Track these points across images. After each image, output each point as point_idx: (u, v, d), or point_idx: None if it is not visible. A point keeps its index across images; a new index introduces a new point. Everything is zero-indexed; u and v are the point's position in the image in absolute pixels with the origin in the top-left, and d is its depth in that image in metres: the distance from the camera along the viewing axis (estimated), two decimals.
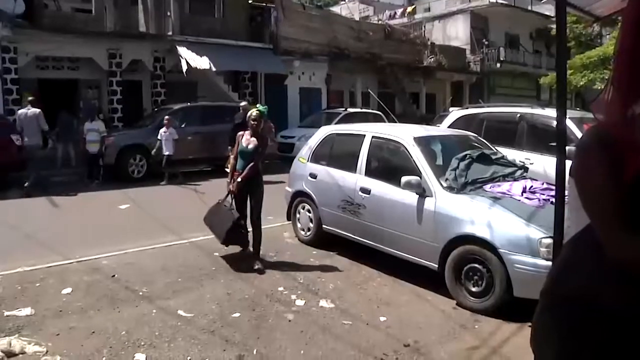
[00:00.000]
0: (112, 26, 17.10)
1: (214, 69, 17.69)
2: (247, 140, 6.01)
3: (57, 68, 17.25)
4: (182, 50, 17.62)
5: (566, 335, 1.62)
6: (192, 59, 17.34)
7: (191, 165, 14.54)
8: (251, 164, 5.93)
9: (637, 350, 1.46)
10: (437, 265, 5.22)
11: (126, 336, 4.22)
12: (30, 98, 11.81)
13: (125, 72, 17.67)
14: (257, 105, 6.21)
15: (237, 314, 4.74)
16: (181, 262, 6.20)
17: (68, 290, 5.24)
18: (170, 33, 18.04)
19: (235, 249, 6.41)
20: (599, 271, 1.55)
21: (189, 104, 15.05)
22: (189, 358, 3.90)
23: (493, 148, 6.62)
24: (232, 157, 6.28)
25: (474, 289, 4.92)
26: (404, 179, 5.40)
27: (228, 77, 20.01)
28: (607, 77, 17.42)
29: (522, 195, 5.22)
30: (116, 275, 5.71)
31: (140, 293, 5.24)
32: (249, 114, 6.07)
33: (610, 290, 1.53)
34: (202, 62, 17.34)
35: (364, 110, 19.62)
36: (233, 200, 6.11)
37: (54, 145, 14.58)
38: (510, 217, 4.80)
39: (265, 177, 6.21)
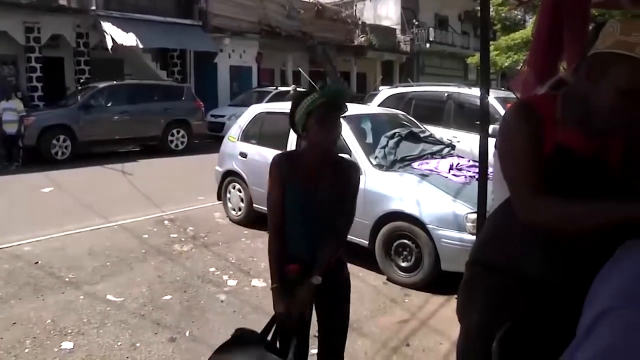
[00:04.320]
0: None
1: (140, 46, 17.09)
2: (307, 173, 2.42)
3: None
4: (107, 26, 16.85)
5: (490, 302, 1.68)
6: (118, 36, 16.63)
7: (118, 146, 14.17)
8: (335, 238, 2.46)
9: (558, 315, 1.53)
10: (367, 242, 5.31)
11: (52, 325, 4.07)
12: None
13: (46, 48, 16.68)
14: (329, 83, 2.30)
15: (168, 297, 4.66)
16: (109, 246, 6.02)
17: None
18: (93, 7, 17.13)
19: (166, 231, 6.21)
20: (520, 240, 1.62)
21: (114, 82, 14.51)
22: (119, 343, 3.81)
23: (421, 126, 6.77)
24: (271, 220, 2.73)
25: (403, 264, 5.06)
26: None
27: (156, 54, 19.40)
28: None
29: (449, 172, 5.36)
30: (40, 262, 5.48)
31: (67, 279, 5.05)
32: (303, 104, 2.29)
33: (531, 258, 1.61)
34: (128, 39, 16.69)
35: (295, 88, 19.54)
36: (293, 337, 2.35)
37: None
38: (437, 194, 4.93)
39: (197, 157, 2.97)
